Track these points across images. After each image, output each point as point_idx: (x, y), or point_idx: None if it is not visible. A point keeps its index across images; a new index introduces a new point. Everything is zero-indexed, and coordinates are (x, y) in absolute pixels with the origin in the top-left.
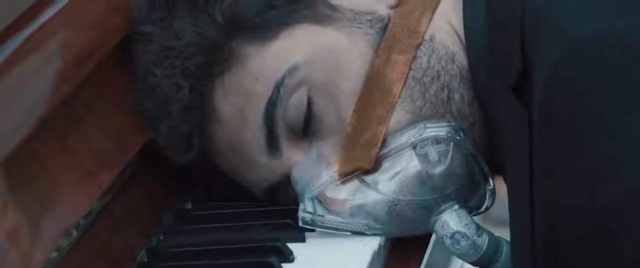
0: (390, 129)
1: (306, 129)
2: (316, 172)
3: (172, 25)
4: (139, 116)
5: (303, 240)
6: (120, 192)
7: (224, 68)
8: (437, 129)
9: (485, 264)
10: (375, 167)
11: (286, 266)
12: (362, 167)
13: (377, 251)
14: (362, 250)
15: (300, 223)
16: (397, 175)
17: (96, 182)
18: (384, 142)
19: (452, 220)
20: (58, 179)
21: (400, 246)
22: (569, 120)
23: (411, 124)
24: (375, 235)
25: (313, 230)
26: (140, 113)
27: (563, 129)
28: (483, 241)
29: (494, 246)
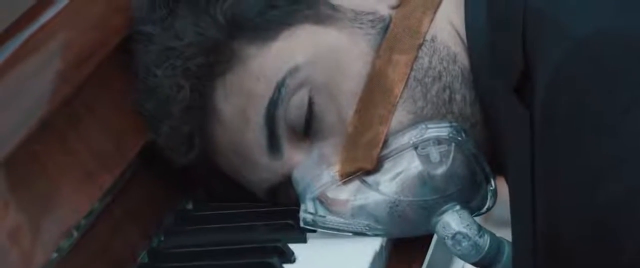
0: (391, 130)
1: (307, 130)
2: (317, 173)
3: (173, 25)
4: (140, 117)
5: (304, 240)
6: (120, 193)
7: (225, 68)
8: (439, 130)
9: (486, 265)
10: (376, 168)
11: (287, 267)
12: (364, 168)
13: (379, 252)
14: (364, 250)
15: (301, 223)
16: (399, 175)
17: (97, 183)
18: (386, 143)
19: (454, 220)
20: (58, 180)
21: (401, 247)
22: (570, 119)
23: (412, 125)
24: (376, 235)
25: (314, 230)
26: (140, 113)
27: (564, 129)
28: (484, 242)
29: (496, 247)
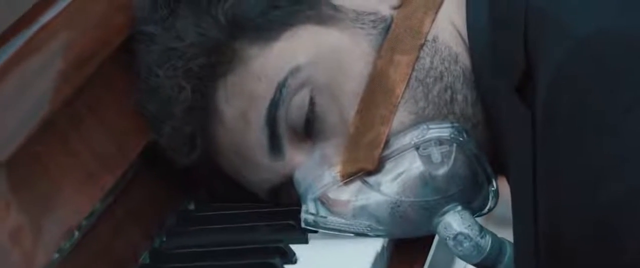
0: (393, 130)
1: (309, 130)
2: (319, 173)
3: (175, 25)
4: (141, 117)
5: (306, 241)
6: (122, 194)
7: (227, 69)
8: (440, 130)
9: (488, 265)
10: (377, 168)
11: (289, 267)
12: (365, 168)
13: (380, 252)
14: (365, 251)
15: (302, 224)
16: (400, 176)
17: (98, 184)
18: (387, 143)
19: (455, 221)
20: (60, 180)
21: (403, 247)
22: (572, 119)
23: (414, 125)
24: (378, 236)
25: (316, 231)
26: (142, 114)
27: (566, 128)
28: (486, 242)
29: (497, 247)
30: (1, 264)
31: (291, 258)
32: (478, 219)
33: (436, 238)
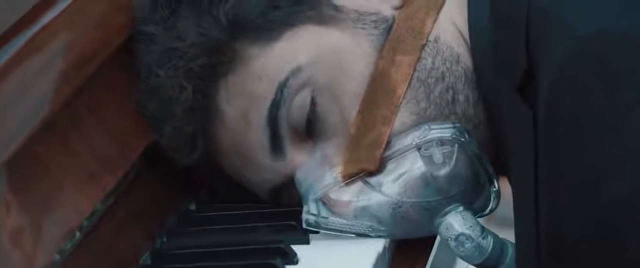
0: (394, 130)
1: (310, 130)
2: (320, 174)
3: (176, 25)
4: (142, 117)
5: (307, 242)
6: (123, 194)
7: (228, 69)
8: (442, 131)
9: (490, 266)
10: (379, 169)
11: None
12: (366, 169)
13: (382, 253)
14: (367, 252)
15: (304, 225)
16: (402, 176)
17: (99, 184)
18: (388, 144)
19: (457, 222)
20: (60, 181)
21: (404, 248)
22: (573, 118)
23: (415, 125)
24: (379, 237)
25: (317, 232)
26: (143, 114)
27: (567, 128)
28: (488, 243)
29: (499, 248)
30: (2, 265)
31: (292, 258)
32: (480, 220)
33: (438, 239)
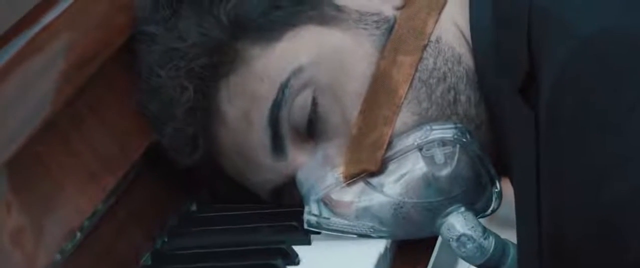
0: (396, 131)
1: (311, 131)
2: (321, 174)
3: (177, 26)
4: (143, 118)
5: (308, 242)
6: (124, 194)
7: (229, 69)
8: (443, 131)
9: (491, 267)
10: (380, 169)
11: None
12: (368, 169)
13: (383, 254)
14: (368, 252)
15: (305, 225)
16: (403, 177)
17: (100, 184)
18: (390, 144)
19: (458, 222)
20: (61, 181)
21: (406, 249)
22: (575, 118)
23: (417, 126)
24: (381, 237)
25: (318, 232)
26: (144, 114)
27: (569, 128)
28: (489, 244)
29: (501, 249)
30: (3, 265)
31: (293, 259)
32: (481, 220)
33: (439, 239)
